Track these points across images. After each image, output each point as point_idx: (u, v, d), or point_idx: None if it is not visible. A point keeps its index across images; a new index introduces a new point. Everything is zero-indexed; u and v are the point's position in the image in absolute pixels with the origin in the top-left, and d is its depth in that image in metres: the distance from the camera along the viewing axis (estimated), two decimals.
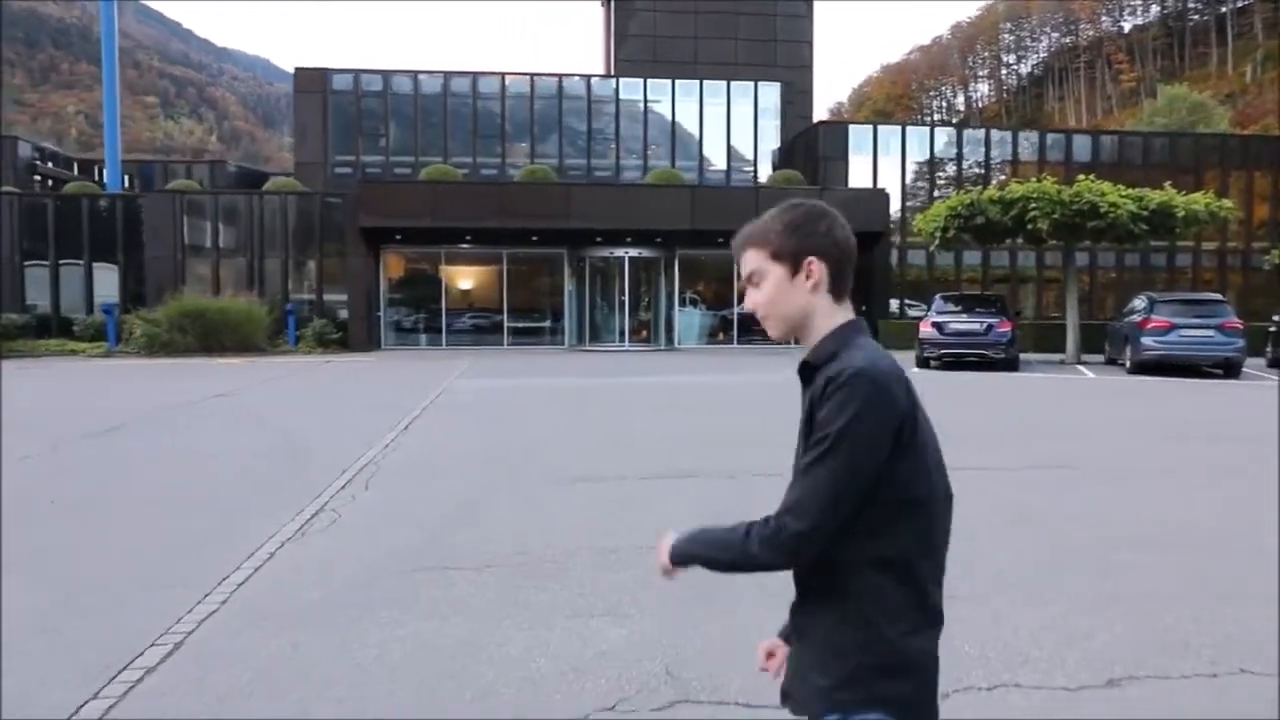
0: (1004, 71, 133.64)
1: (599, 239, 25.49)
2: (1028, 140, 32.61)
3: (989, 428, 10.94)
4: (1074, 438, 10.12)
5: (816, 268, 1.61)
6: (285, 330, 24.86)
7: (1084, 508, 6.73)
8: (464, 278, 27.95)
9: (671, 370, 19.42)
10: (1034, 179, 19.86)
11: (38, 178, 35.42)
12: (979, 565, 5.01)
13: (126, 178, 37.51)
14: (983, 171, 31.58)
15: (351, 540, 5.87)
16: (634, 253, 26.19)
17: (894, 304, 29.37)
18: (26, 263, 27.53)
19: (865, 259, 26.57)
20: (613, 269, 26.79)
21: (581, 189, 26.84)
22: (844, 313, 1.63)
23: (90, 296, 27.51)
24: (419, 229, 24.16)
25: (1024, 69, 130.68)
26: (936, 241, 20.40)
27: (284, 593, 4.84)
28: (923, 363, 18.61)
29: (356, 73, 34.32)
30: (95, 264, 27.62)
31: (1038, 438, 10.15)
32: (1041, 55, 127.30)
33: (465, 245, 26.41)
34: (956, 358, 18.36)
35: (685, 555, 1.68)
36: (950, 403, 13.14)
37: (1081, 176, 19.51)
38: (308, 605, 4.65)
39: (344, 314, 25.52)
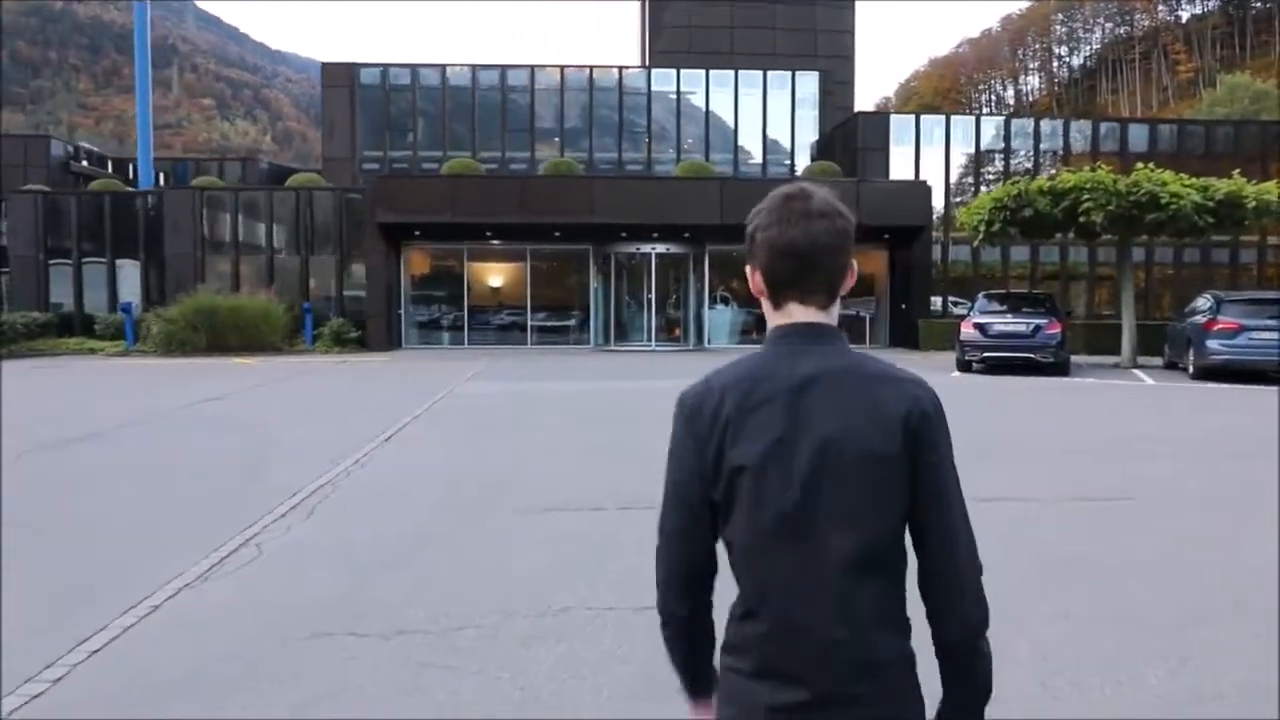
0: (1055, 64, 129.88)
1: (624, 234, 24.49)
2: (1080, 131, 30.99)
3: (1030, 444, 9.75)
4: (1131, 458, 8.88)
5: (751, 274, 1.49)
6: (303, 329, 24.26)
7: (1148, 556, 5.57)
8: (487, 275, 27.14)
9: (697, 372, 18.15)
10: (1088, 169, 18.40)
11: (71, 176, 35.39)
12: (1012, 648, 3.86)
13: (161, 176, 37.41)
14: (1032, 164, 30.05)
15: (258, 589, 4.95)
16: (661, 249, 25.14)
17: (937, 301, 28.03)
18: (51, 261, 27.30)
19: (905, 254, 25.27)
20: (640, 266, 25.79)
21: (605, 182, 25.79)
22: (778, 318, 1.46)
23: (113, 294, 27.19)
24: (438, 224, 23.35)
25: (1076, 61, 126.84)
26: (980, 236, 19.02)
27: (141, 667, 3.92)
28: (963, 366, 17.31)
29: (384, 67, 33.75)
30: (118, 261, 27.30)
31: (1088, 458, 8.92)
32: (1095, 47, 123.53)
33: (488, 242, 25.59)
34: (1001, 361, 17.03)
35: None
36: (988, 412, 11.94)
37: (1140, 166, 18.03)
38: (159, 686, 3.72)
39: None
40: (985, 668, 1.39)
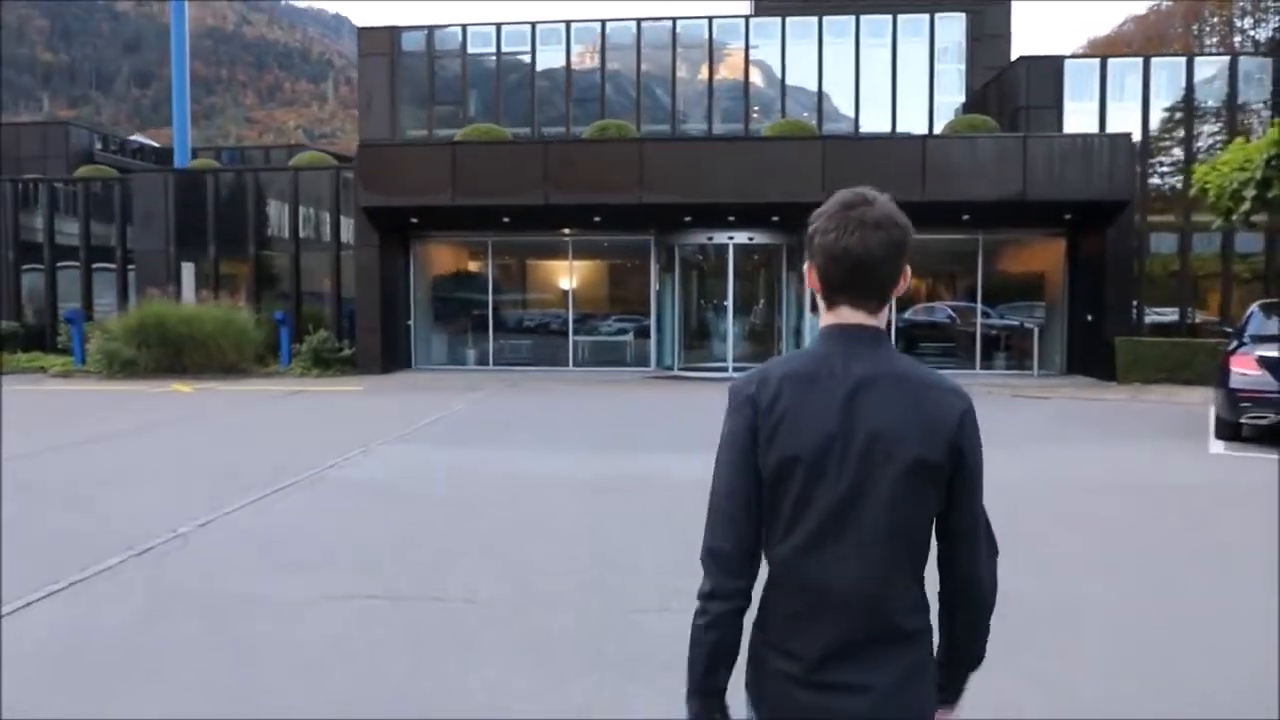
0: (1237, 39, 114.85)
1: (688, 218, 18.00)
2: None
3: None
4: None
5: (808, 271, 1.58)
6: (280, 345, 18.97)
7: None
8: (517, 276, 21.21)
9: None
10: None
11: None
12: None
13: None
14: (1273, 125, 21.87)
15: None
16: (742, 237, 18.47)
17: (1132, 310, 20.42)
18: (24, 261, 23.13)
19: (1095, 243, 17.83)
20: (715, 261, 19.24)
21: (657, 147, 18.60)
22: (830, 317, 1.55)
23: (90, 299, 22.76)
24: (437, 209, 17.49)
25: (1261, 35, 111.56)
26: (1246, 206, 11.59)
27: None
28: (1231, 431, 9.98)
29: (430, 29, 28.39)
30: (94, 263, 22.85)
31: None
32: None
33: (514, 233, 19.58)
34: None
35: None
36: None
37: None
38: None
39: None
40: (985, 640, 1.59)
